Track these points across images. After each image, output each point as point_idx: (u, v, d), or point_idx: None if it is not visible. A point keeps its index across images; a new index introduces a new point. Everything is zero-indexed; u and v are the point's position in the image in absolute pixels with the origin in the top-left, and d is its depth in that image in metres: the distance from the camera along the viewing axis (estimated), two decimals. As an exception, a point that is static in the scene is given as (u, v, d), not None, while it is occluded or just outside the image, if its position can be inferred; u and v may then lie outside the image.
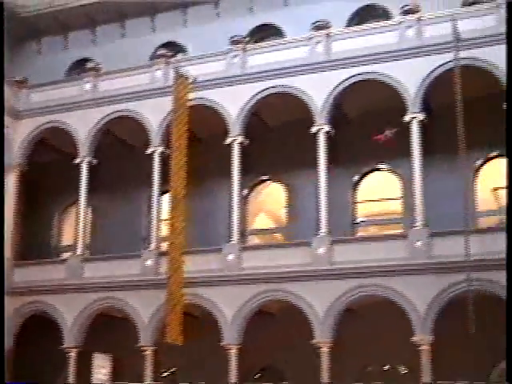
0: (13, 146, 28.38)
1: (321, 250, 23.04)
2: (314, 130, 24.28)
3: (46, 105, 28.67)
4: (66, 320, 26.07)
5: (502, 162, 22.30)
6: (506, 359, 16.26)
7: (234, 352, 23.43)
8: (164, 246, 25.18)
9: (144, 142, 26.71)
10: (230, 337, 23.56)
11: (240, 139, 25.29)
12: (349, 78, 24.14)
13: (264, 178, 27.96)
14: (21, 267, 27.50)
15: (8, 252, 27.05)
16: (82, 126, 27.73)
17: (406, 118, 23.08)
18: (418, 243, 21.88)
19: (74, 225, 27.56)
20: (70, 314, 26.03)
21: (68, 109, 28.27)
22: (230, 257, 24.20)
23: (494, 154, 24.36)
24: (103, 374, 25.88)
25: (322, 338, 22.44)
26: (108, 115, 27.55)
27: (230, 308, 23.78)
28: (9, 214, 27.27)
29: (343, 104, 24.94)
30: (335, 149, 24.46)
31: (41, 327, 26.81)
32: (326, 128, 24.15)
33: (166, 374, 26.91)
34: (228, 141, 25.38)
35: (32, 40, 35.98)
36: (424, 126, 23.06)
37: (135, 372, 24.87)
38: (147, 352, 24.63)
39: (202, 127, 26.29)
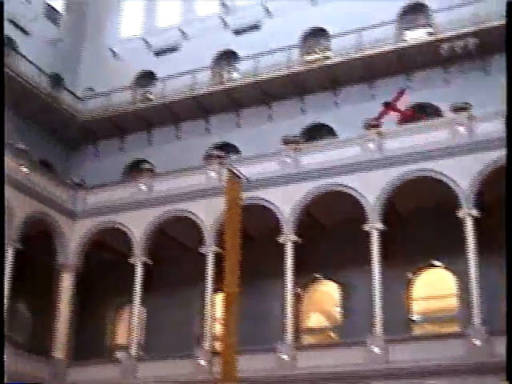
0: (69, 246, 28.83)
1: (376, 349, 22.69)
2: (366, 227, 24.32)
3: (102, 206, 29.26)
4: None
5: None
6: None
7: None
8: (217, 345, 25.01)
9: (198, 241, 26.92)
10: None
11: (293, 238, 25.39)
12: (401, 175, 24.27)
13: (317, 276, 27.86)
14: (74, 367, 27.43)
15: (61, 352, 27.16)
16: (137, 227, 28.12)
17: (460, 214, 23.00)
18: (477, 342, 21.42)
19: (128, 324, 27.64)
20: (123, 413, 25.91)
21: (123, 209, 28.77)
22: (285, 356, 23.91)
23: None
24: None
25: None
26: (162, 215, 27.94)
27: (284, 408, 23.42)
28: (64, 314, 27.55)
29: (395, 201, 24.96)
30: (388, 246, 24.34)
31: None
32: (379, 225, 24.17)
33: None
34: (281, 239, 25.48)
35: (89, 143, 37.09)
36: (478, 222, 22.93)
37: None
38: None
39: (254, 226, 26.49)
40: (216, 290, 25.83)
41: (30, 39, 36.65)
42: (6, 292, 25.31)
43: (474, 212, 22.90)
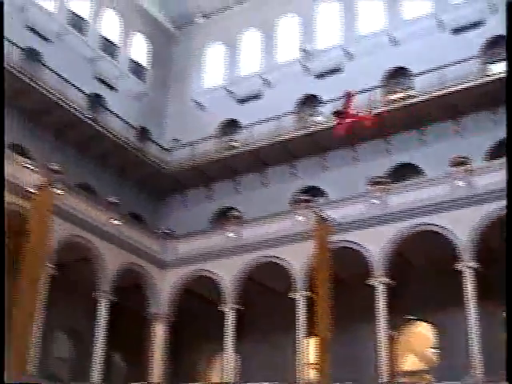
0: (161, 296, 29.11)
1: (475, 392, 22.02)
2: (459, 266, 23.80)
3: (192, 254, 29.49)
4: None
5: None
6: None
7: None
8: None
9: (288, 286, 26.79)
10: None
11: (384, 279, 25.02)
12: (493, 212, 23.72)
13: (411, 317, 27.31)
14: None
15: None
16: (227, 274, 28.21)
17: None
18: None
19: (221, 371, 27.60)
20: None
21: (213, 257, 28.94)
22: (382, 400, 23.47)
23: None
24: None
25: None
26: (252, 262, 27.99)
27: None
28: (157, 363, 27.73)
29: (488, 238, 24.34)
30: (482, 284, 23.67)
31: None
32: (472, 264, 23.62)
33: None
34: (372, 282, 25.15)
35: (177, 193, 37.64)
36: None
37: None
38: None
39: (344, 269, 26.17)
40: (308, 335, 25.59)
41: (117, 95, 37.70)
42: (102, 343, 25.69)
43: None
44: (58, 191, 24.08)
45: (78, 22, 36.74)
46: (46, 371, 25.34)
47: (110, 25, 38.73)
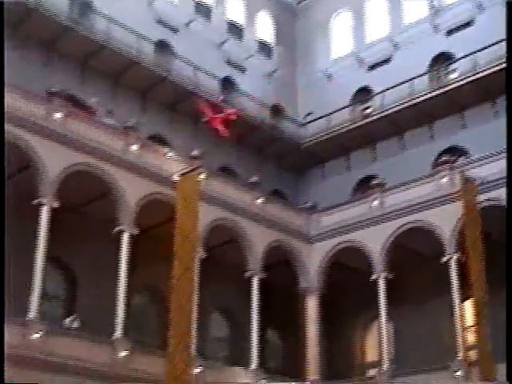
0: (309, 270, 29.27)
1: None
2: None
3: (337, 226, 29.48)
4: None
5: None
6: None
7: None
8: (472, 354, 24.18)
9: (437, 250, 26.32)
10: None
11: (540, 235, 24.08)
12: None
13: None
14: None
15: (314, 373, 27.44)
16: (374, 243, 28.02)
17: None
18: None
19: (377, 340, 27.52)
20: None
21: (358, 227, 28.82)
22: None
23: None
24: None
25: None
26: (398, 229, 27.65)
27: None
28: (312, 336, 27.96)
29: None
30: None
31: None
32: None
33: None
34: (528, 239, 24.26)
35: (315, 166, 37.66)
36: None
37: None
38: None
39: (496, 228, 25.37)
40: (464, 299, 25.05)
41: (247, 76, 38.01)
42: (257, 321, 26.16)
43: None
44: (201, 176, 24.57)
45: (202, 9, 37.27)
46: (205, 352, 25.99)
47: (233, 7, 39.06)
